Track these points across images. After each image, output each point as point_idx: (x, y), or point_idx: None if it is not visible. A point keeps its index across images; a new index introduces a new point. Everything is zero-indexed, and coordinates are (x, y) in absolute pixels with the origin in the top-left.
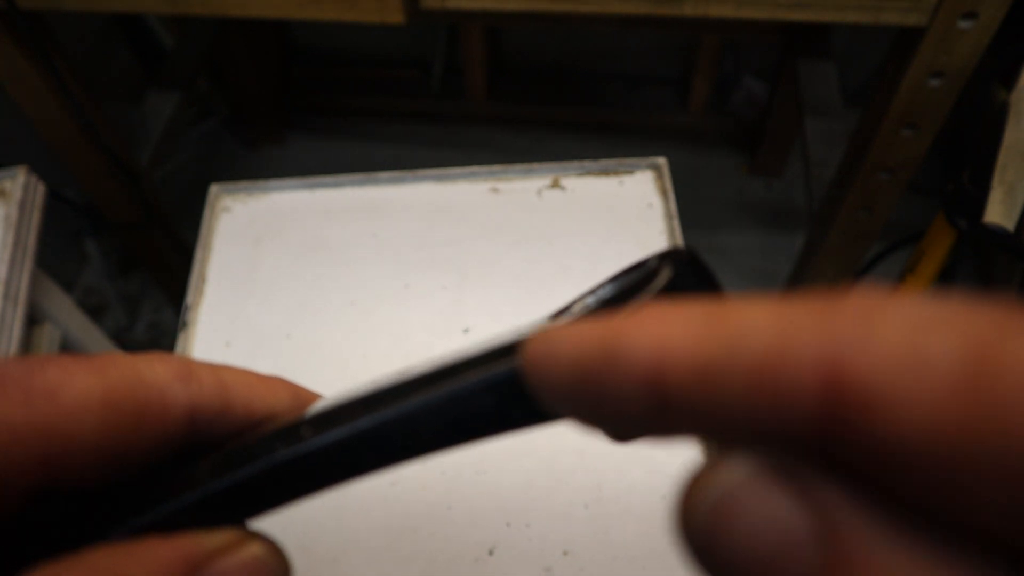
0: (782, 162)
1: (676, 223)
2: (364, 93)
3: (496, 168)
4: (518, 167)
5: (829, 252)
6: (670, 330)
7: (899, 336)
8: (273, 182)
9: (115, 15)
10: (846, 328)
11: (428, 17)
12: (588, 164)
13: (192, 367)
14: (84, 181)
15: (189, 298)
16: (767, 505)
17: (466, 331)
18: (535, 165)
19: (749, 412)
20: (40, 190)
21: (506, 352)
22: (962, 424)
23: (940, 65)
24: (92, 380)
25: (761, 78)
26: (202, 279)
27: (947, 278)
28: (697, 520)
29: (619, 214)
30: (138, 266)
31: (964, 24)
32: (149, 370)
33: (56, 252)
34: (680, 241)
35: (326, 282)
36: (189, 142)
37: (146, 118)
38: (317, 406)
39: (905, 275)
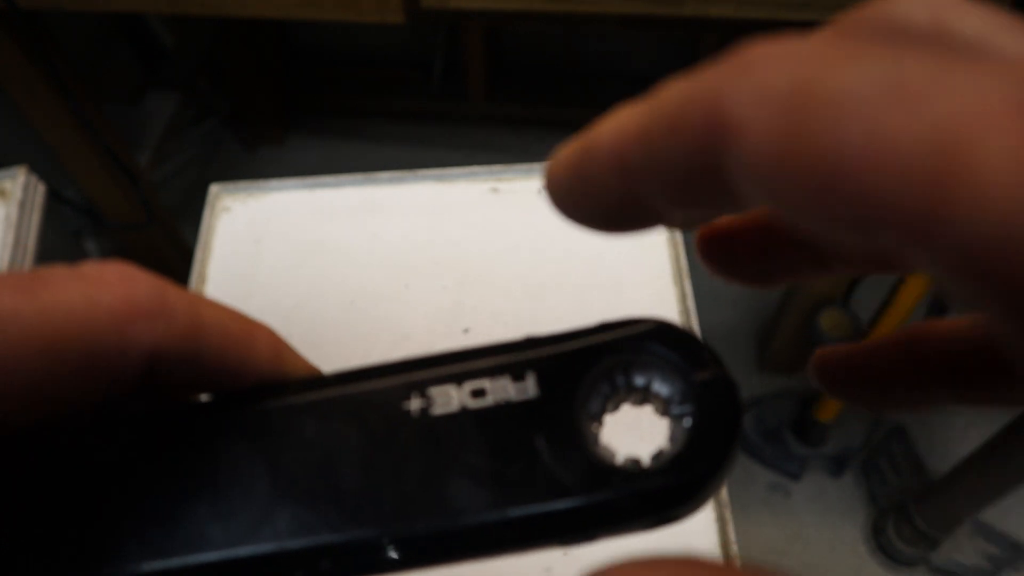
0: None
1: None
2: (364, 93)
3: (496, 168)
4: (518, 167)
5: None
6: (622, 120)
7: (754, 78)
8: (273, 182)
9: (115, 15)
10: (725, 78)
11: (428, 17)
12: None
13: (167, 297)
14: (84, 181)
15: None
16: None
17: (466, 331)
18: (535, 165)
19: (669, 151)
20: (40, 190)
21: None
22: (783, 141)
23: None
24: (31, 320)
25: None
26: (202, 279)
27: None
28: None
29: None
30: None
31: None
32: (107, 301)
33: (56, 252)
34: (679, 239)
35: (326, 282)
36: (189, 142)
37: (146, 118)
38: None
39: (897, 286)
